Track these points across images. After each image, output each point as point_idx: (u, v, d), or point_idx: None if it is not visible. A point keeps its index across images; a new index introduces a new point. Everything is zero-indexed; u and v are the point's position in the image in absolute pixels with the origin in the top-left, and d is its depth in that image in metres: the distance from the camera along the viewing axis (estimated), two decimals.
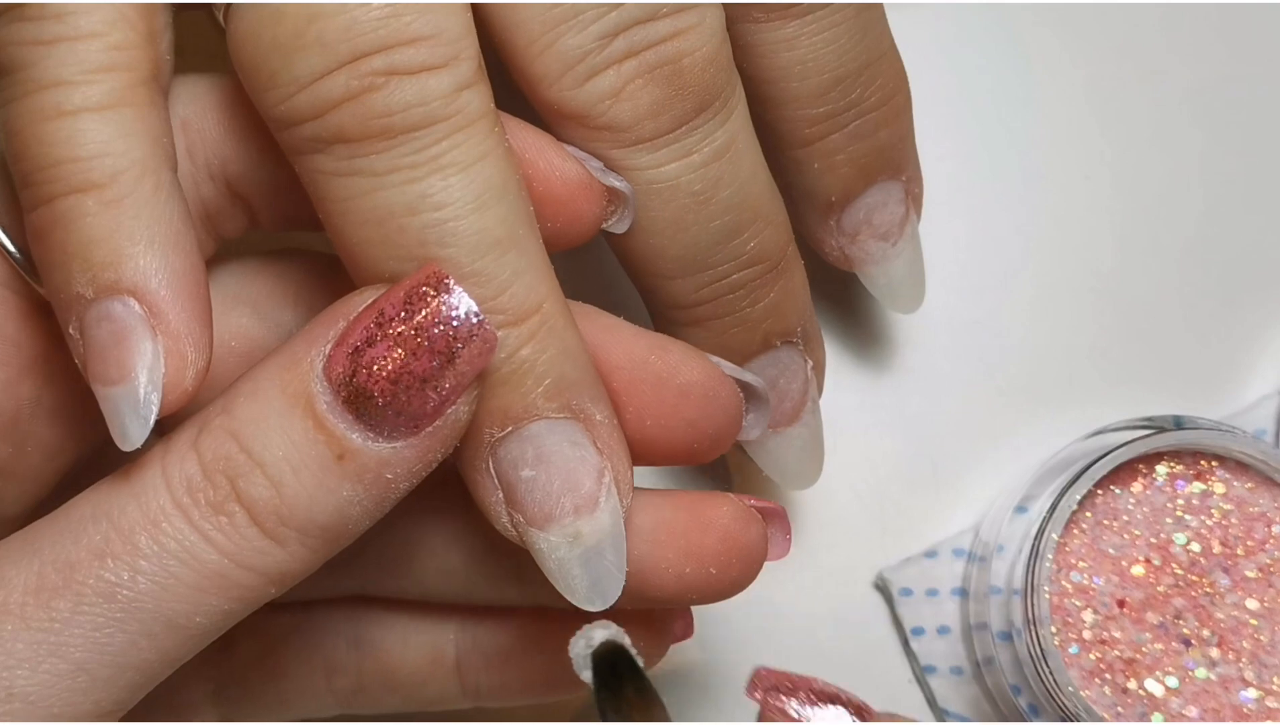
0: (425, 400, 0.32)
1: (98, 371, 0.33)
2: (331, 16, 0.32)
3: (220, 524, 0.32)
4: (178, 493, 0.32)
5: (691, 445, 0.37)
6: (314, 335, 0.33)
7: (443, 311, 0.32)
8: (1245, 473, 0.46)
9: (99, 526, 0.32)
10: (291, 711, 0.42)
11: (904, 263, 0.45)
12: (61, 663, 0.31)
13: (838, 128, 0.42)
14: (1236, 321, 0.51)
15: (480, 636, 0.41)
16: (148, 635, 0.32)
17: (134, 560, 0.32)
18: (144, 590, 0.32)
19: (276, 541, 0.32)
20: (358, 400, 0.32)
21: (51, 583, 0.32)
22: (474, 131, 0.33)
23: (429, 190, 0.33)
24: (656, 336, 0.37)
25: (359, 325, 0.32)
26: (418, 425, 0.32)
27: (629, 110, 0.37)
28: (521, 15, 0.36)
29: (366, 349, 0.32)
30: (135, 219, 0.33)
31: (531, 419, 0.34)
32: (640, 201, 0.38)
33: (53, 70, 0.32)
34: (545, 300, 0.34)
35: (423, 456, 0.33)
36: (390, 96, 0.32)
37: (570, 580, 0.35)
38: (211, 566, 0.32)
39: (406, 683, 0.41)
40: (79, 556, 0.32)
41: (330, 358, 0.32)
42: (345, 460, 0.32)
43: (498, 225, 0.33)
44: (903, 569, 0.49)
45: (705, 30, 0.37)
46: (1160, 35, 0.52)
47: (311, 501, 0.32)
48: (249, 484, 0.32)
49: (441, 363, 0.32)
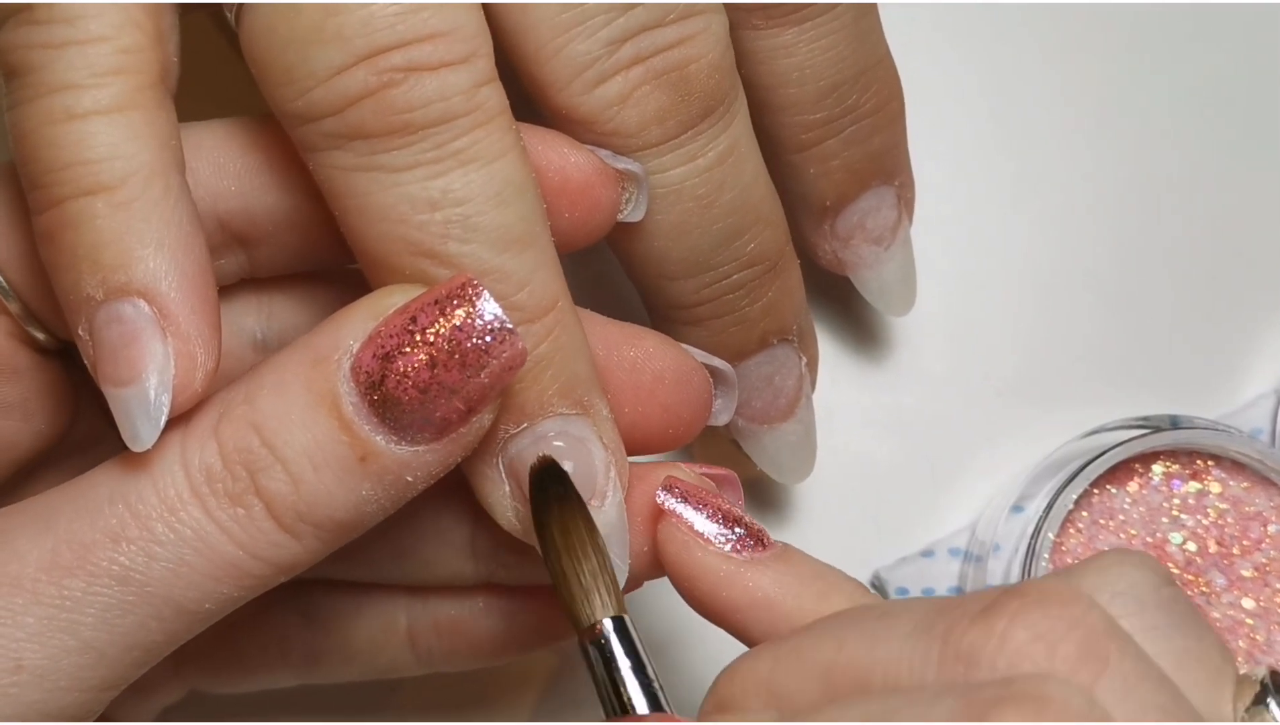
0: (452, 409, 0.32)
1: (108, 373, 0.33)
2: (349, 12, 0.32)
3: (237, 516, 0.32)
4: (196, 480, 0.32)
5: (665, 430, 0.38)
6: (341, 332, 0.33)
7: (475, 324, 0.32)
8: (1241, 472, 0.47)
9: (115, 509, 0.32)
10: (253, 683, 0.42)
11: (896, 267, 0.46)
12: (71, 639, 0.32)
13: (833, 133, 0.42)
14: (1232, 321, 0.51)
15: (431, 606, 0.41)
16: (157, 618, 0.32)
17: (149, 546, 0.32)
18: (157, 576, 0.32)
19: (292, 535, 0.33)
20: (385, 405, 0.32)
21: (65, 561, 0.32)
22: (494, 128, 0.33)
23: (451, 185, 0.33)
24: (629, 326, 0.38)
25: (390, 329, 0.32)
26: (442, 432, 0.33)
27: (636, 116, 0.37)
28: (531, 20, 0.36)
29: (397, 355, 0.32)
30: (145, 221, 0.33)
31: (546, 416, 0.35)
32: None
33: (62, 73, 0.32)
34: (560, 297, 0.34)
35: (444, 460, 0.33)
36: (411, 92, 0.32)
37: None
38: (225, 557, 0.32)
39: (360, 653, 0.41)
40: (94, 537, 0.32)
41: (359, 358, 0.32)
42: (367, 462, 0.32)
43: (518, 221, 0.34)
44: (899, 568, 0.49)
45: (711, 37, 0.38)
46: (1157, 36, 0.52)
47: (331, 499, 0.32)
48: (269, 479, 0.32)
49: (471, 374, 0.32)
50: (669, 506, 0.35)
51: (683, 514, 0.35)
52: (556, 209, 0.36)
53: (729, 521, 0.35)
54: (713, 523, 0.35)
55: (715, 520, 0.35)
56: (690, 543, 0.35)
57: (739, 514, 0.35)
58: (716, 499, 0.36)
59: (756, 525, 0.35)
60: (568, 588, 0.33)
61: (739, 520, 0.35)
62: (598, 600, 0.33)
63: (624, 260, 0.40)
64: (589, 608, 0.33)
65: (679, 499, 0.36)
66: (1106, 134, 0.52)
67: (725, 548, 0.35)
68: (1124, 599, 0.30)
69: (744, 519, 0.35)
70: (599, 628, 0.33)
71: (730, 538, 0.35)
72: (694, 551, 0.35)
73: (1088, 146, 0.52)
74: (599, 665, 0.33)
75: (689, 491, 0.36)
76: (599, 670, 0.33)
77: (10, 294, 0.35)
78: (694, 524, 0.35)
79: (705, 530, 0.35)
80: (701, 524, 0.35)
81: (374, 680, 0.43)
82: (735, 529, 0.35)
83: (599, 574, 0.33)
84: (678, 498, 0.36)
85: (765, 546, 0.35)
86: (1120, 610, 0.30)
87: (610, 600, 0.33)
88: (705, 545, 0.35)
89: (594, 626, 0.33)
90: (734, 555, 0.35)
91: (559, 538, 0.34)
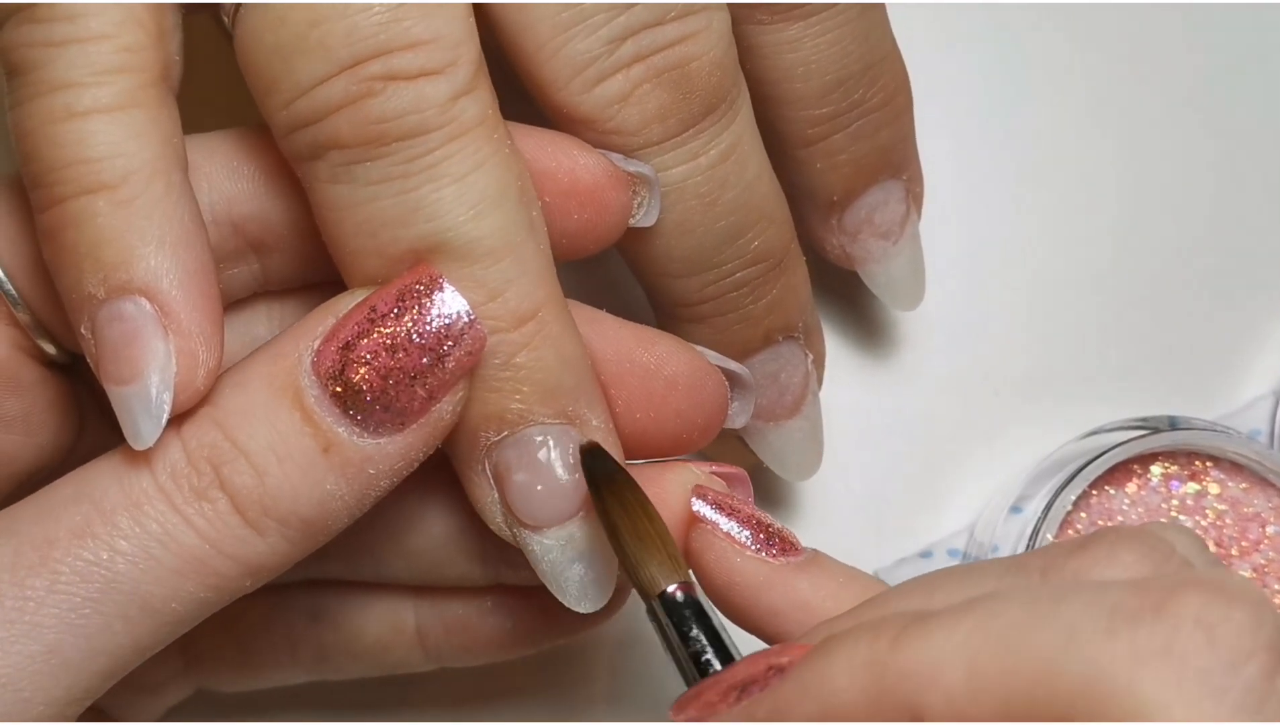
0: (413, 397, 0.33)
1: (110, 371, 0.33)
2: (333, 21, 0.32)
3: (203, 509, 0.32)
4: (161, 477, 0.32)
5: (680, 435, 0.38)
6: (303, 330, 0.33)
7: (435, 309, 0.33)
8: (1240, 473, 0.47)
9: (80, 507, 0.32)
10: (262, 681, 0.42)
11: (904, 261, 0.46)
12: (34, 644, 0.31)
13: (840, 128, 0.42)
14: (1231, 322, 0.51)
15: (440, 605, 0.41)
16: (123, 618, 0.32)
17: (113, 540, 0.32)
18: (122, 571, 0.32)
19: (257, 530, 0.33)
20: (346, 394, 0.33)
21: (28, 560, 0.32)
22: (469, 140, 0.33)
23: (421, 202, 0.33)
24: (643, 328, 0.38)
25: (350, 321, 0.33)
26: (404, 422, 0.33)
27: (637, 114, 0.37)
28: (530, 19, 0.36)
29: (357, 344, 0.33)
30: (146, 219, 0.33)
31: (526, 424, 0.35)
32: None
33: (63, 72, 0.32)
34: (542, 306, 0.34)
35: (405, 453, 0.33)
36: (385, 103, 0.33)
37: (562, 582, 0.35)
38: (191, 551, 0.32)
39: (369, 651, 0.41)
40: (58, 534, 0.32)
41: (319, 352, 0.33)
42: (330, 453, 0.33)
43: (492, 235, 0.33)
44: (898, 569, 0.49)
45: (712, 34, 0.38)
46: (1157, 35, 0.52)
47: (295, 492, 0.33)
48: (233, 472, 0.32)
49: (432, 360, 0.33)
50: (704, 514, 0.35)
51: (718, 521, 0.35)
52: (565, 211, 0.36)
53: (760, 528, 0.35)
54: (746, 529, 0.35)
55: (748, 527, 0.35)
56: (728, 549, 0.35)
57: (768, 521, 0.36)
58: (746, 506, 0.36)
59: (786, 531, 0.35)
60: (644, 553, 0.33)
61: (769, 527, 0.35)
62: (670, 566, 0.33)
63: (628, 258, 0.40)
64: (670, 569, 0.33)
65: (713, 506, 0.36)
66: (1107, 134, 0.52)
67: (761, 553, 0.35)
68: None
69: (773, 526, 0.35)
70: (684, 587, 0.33)
71: (764, 544, 0.35)
72: (732, 557, 0.35)
73: (1087, 147, 0.52)
74: (690, 621, 0.33)
75: (720, 499, 0.36)
76: (688, 627, 0.33)
77: (20, 303, 0.35)
78: (730, 531, 0.35)
79: (740, 537, 0.35)
80: (736, 531, 0.35)
81: (384, 678, 0.43)
82: (766, 536, 0.35)
83: (666, 541, 0.33)
84: (711, 505, 0.36)
85: (797, 551, 0.35)
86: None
87: (681, 564, 0.33)
88: (742, 551, 0.35)
89: (685, 584, 0.33)
90: (771, 560, 0.35)
91: (619, 516, 0.34)
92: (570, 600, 0.36)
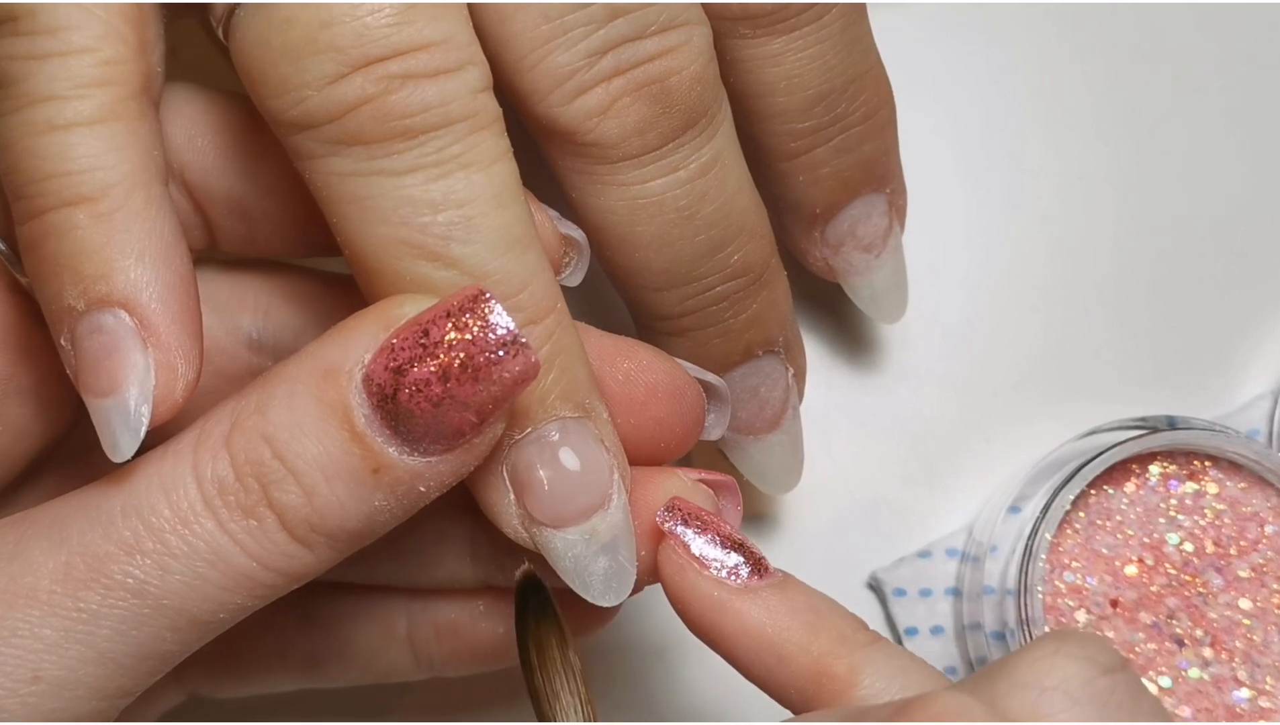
0: (465, 421, 0.32)
1: (89, 383, 0.33)
2: (343, 23, 0.32)
3: (250, 528, 0.32)
4: (209, 492, 0.32)
5: (659, 443, 0.38)
6: (352, 343, 0.33)
7: (488, 337, 0.32)
8: (1238, 473, 0.47)
9: (129, 522, 0.32)
10: (253, 686, 0.42)
11: (887, 274, 0.46)
12: (88, 650, 0.32)
13: (823, 142, 0.42)
14: (1230, 323, 0.51)
15: (431, 608, 0.41)
16: (172, 629, 0.32)
17: (163, 559, 0.32)
18: (172, 589, 0.32)
19: (305, 546, 0.33)
20: (397, 417, 0.32)
21: (80, 574, 0.32)
22: (491, 133, 0.34)
23: (453, 187, 0.33)
24: (623, 338, 0.38)
25: (401, 341, 0.32)
26: (454, 443, 0.33)
27: (616, 127, 0.37)
28: (512, 31, 0.36)
29: (409, 368, 0.32)
30: (126, 232, 0.33)
31: (550, 420, 0.34)
32: (627, 217, 0.38)
33: (44, 85, 0.33)
34: (558, 299, 0.34)
35: (457, 470, 0.33)
36: (410, 98, 0.33)
37: (586, 577, 0.35)
38: (239, 568, 0.32)
39: (359, 656, 0.41)
40: (108, 549, 0.32)
41: (370, 370, 0.32)
42: (380, 473, 0.32)
43: (516, 223, 0.34)
44: (896, 569, 0.49)
45: (693, 49, 0.38)
46: (1151, 36, 0.52)
47: (343, 511, 0.32)
48: (281, 492, 0.32)
49: (484, 387, 0.32)
50: (669, 529, 0.36)
51: (681, 537, 0.35)
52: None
53: (729, 546, 0.35)
54: (712, 547, 0.35)
55: (715, 544, 0.35)
56: (685, 566, 0.35)
57: (740, 539, 0.36)
58: (718, 523, 0.36)
59: (758, 552, 0.36)
60: (539, 705, 0.34)
61: (739, 545, 0.35)
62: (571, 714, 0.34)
63: (608, 271, 0.40)
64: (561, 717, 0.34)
65: (679, 522, 0.36)
66: (1102, 135, 0.52)
67: (721, 574, 0.35)
68: (1051, 695, 0.30)
69: (745, 544, 0.35)
70: None
71: (728, 564, 0.35)
72: (689, 575, 0.35)
73: (1083, 147, 0.52)
74: None
75: (691, 514, 0.36)
76: None
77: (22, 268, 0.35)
78: (692, 547, 0.35)
79: (704, 554, 0.35)
80: (700, 547, 0.35)
81: (378, 685, 0.43)
82: (735, 554, 0.35)
83: (574, 690, 0.34)
84: (678, 520, 0.36)
85: (764, 574, 0.35)
86: (1048, 709, 0.30)
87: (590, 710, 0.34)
88: (701, 570, 0.35)
89: None
90: (728, 582, 0.35)
91: (535, 654, 0.35)
92: (595, 595, 0.35)
